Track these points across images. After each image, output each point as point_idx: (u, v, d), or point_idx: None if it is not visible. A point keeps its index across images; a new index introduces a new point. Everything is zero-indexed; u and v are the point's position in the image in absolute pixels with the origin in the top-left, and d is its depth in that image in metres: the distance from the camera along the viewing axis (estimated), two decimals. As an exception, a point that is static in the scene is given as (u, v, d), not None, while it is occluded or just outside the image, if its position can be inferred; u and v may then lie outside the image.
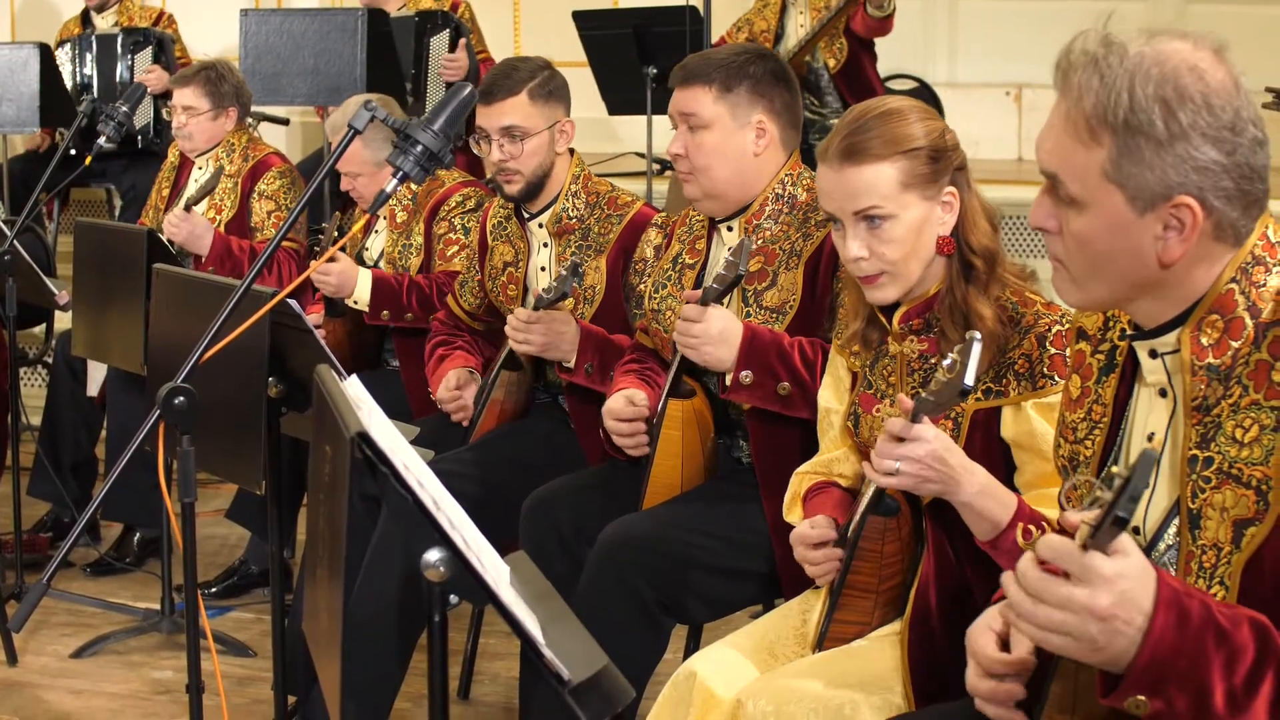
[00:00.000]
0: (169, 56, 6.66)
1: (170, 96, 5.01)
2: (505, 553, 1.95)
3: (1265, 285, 1.73)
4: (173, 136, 5.02)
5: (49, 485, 4.67)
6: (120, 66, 6.66)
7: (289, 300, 2.73)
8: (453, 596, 1.70)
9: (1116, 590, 1.51)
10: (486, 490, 3.27)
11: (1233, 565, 1.69)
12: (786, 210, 2.96)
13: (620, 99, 6.26)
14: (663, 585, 2.80)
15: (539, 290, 3.45)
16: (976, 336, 2.04)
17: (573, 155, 3.58)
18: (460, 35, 6.24)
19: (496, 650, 3.93)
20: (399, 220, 4.17)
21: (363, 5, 5.99)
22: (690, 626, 3.19)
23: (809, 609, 2.53)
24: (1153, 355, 1.81)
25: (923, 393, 2.16)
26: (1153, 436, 1.81)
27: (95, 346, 4.26)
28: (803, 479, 2.66)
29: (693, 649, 3.16)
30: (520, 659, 3.31)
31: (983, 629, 1.83)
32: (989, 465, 2.25)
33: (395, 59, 5.88)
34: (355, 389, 1.94)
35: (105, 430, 4.70)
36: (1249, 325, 1.72)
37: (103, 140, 4.61)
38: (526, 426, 3.57)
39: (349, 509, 1.81)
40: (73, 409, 4.76)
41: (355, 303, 4.03)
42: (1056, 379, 2.31)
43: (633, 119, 6.48)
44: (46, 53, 6.05)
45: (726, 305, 2.87)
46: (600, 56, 6.17)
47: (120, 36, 6.68)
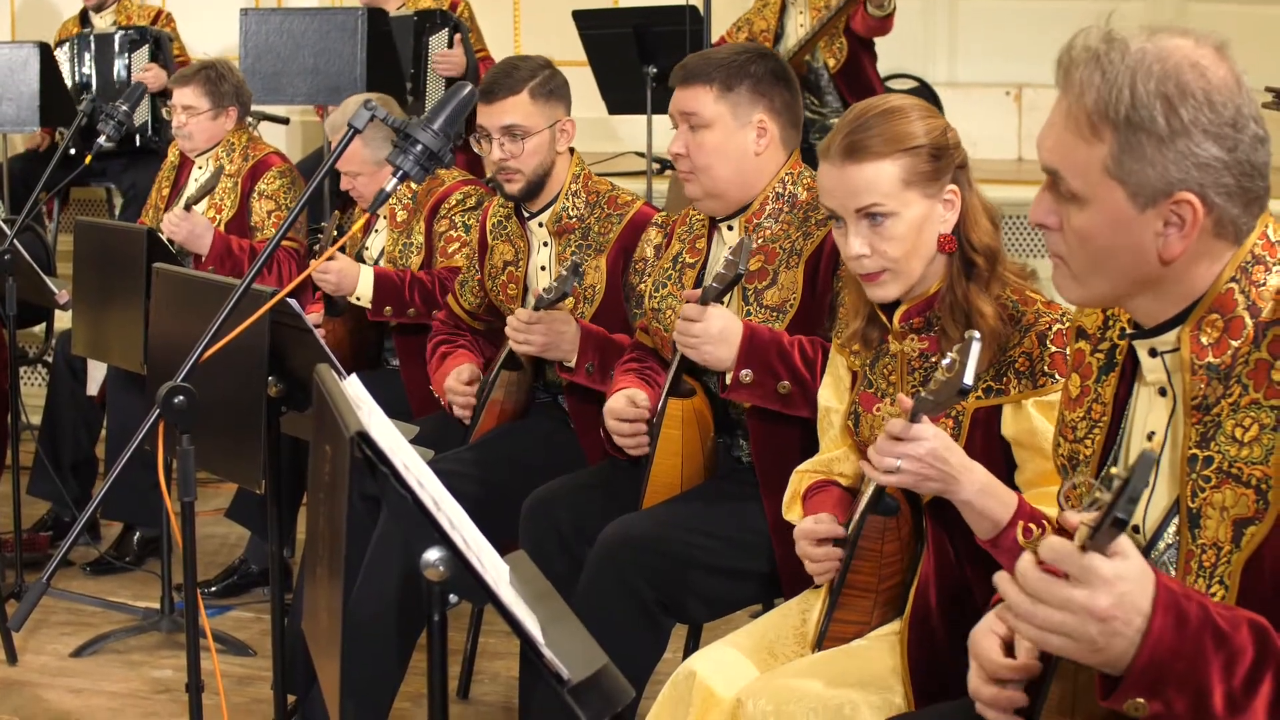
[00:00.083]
0: (166, 54, 6.67)
1: (169, 94, 5.01)
2: (505, 553, 1.94)
3: (1265, 284, 1.73)
4: (172, 135, 5.01)
5: (49, 484, 4.66)
6: (118, 65, 6.66)
7: (289, 299, 2.73)
8: (452, 596, 1.70)
9: (1115, 592, 1.51)
10: (486, 490, 3.26)
11: (1232, 564, 1.69)
12: (787, 209, 2.96)
13: (620, 98, 6.26)
14: (662, 585, 2.80)
15: (539, 290, 3.44)
16: (976, 336, 2.03)
17: (573, 155, 3.58)
18: (459, 34, 6.24)
19: (496, 650, 3.92)
20: (399, 219, 4.17)
21: (362, 5, 5.99)
22: (690, 626, 3.19)
23: (809, 608, 2.53)
24: (1152, 354, 1.80)
25: (922, 392, 2.16)
26: (1152, 435, 1.81)
27: (95, 346, 4.25)
28: (802, 477, 2.66)
29: (693, 649, 3.16)
30: (520, 658, 3.31)
31: (986, 632, 1.82)
32: (989, 463, 2.25)
33: (395, 58, 5.88)
34: (355, 388, 1.93)
35: (105, 429, 4.70)
36: (1249, 324, 1.72)
37: (103, 139, 4.60)
38: (526, 426, 3.56)
39: (349, 508, 1.81)
40: (73, 408, 4.76)
41: (358, 299, 4.02)
42: (1057, 377, 2.30)
43: (633, 118, 6.48)
44: (46, 52, 6.05)
45: (726, 304, 2.87)
46: (600, 56, 6.17)
47: (118, 35, 6.69)
